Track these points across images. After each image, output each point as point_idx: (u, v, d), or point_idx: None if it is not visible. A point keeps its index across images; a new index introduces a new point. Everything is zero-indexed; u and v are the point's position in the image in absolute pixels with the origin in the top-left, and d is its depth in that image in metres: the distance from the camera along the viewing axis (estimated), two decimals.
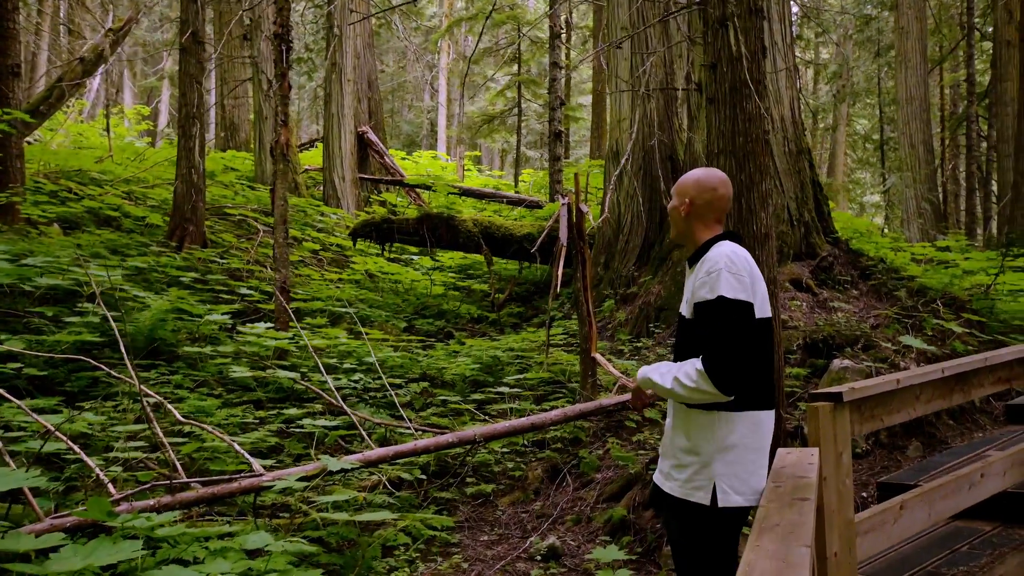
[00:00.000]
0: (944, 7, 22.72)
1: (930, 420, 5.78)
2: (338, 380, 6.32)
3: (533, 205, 14.79)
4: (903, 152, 18.21)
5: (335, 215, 13.76)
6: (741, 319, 2.29)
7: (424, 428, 5.53)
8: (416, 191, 16.27)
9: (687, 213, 2.56)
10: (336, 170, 14.61)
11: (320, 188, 15.31)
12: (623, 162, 9.22)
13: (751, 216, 4.37)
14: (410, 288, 11.03)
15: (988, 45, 20.52)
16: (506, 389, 6.38)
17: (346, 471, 4.38)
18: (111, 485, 3.69)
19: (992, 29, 17.70)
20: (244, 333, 6.67)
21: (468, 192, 15.78)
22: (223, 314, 7.07)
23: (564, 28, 22.24)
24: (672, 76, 9.68)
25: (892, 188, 21.39)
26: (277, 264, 7.28)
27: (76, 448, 3.73)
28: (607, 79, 10.87)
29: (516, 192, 17.94)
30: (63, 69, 13.96)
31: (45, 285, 6.61)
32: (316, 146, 19.68)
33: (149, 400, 4.99)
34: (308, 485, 4.27)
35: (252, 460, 4.14)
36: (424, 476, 5.17)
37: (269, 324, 6.82)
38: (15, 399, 4.42)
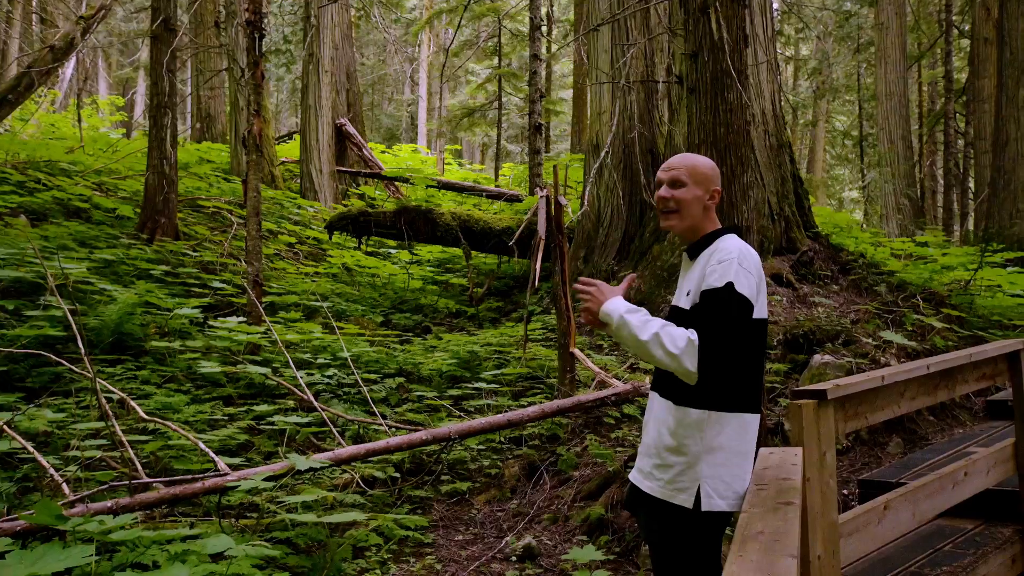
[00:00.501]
0: (923, 4, 22.84)
1: (911, 416, 5.73)
2: (311, 376, 6.18)
3: (513, 199, 14.64)
4: (882, 148, 18.30)
5: (312, 208, 13.56)
6: (742, 313, 2.20)
7: (398, 425, 5.40)
8: (395, 184, 16.08)
9: (714, 204, 2.41)
10: (313, 162, 14.39)
11: (297, 181, 15.09)
12: (603, 155, 9.10)
13: (732, 209, 4.29)
14: (388, 282, 10.88)
15: (966, 43, 20.65)
16: (483, 385, 6.26)
17: (315, 470, 4.25)
18: (66, 486, 3.53)
19: (970, 26, 17.77)
20: (215, 327, 6.50)
21: (448, 186, 15.61)
22: (194, 308, 6.89)
23: (545, 20, 22.10)
24: (653, 69, 9.58)
25: (871, 184, 21.51)
26: (249, 257, 7.10)
27: (29, 447, 3.56)
28: (587, 71, 10.75)
29: (496, 186, 17.77)
30: (33, 57, 13.62)
31: (8, 278, 6.41)
32: (294, 138, 19.39)
33: (113, 396, 4.83)
34: (277, 484, 4.14)
35: (217, 459, 3.99)
36: (398, 474, 5.04)
37: (241, 318, 6.66)
38: None
